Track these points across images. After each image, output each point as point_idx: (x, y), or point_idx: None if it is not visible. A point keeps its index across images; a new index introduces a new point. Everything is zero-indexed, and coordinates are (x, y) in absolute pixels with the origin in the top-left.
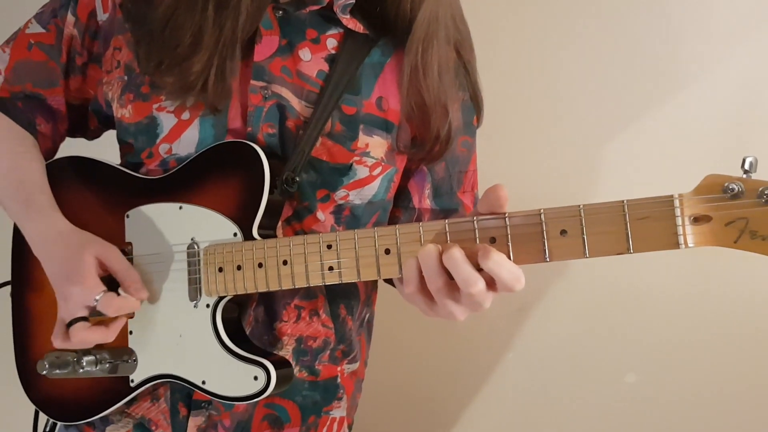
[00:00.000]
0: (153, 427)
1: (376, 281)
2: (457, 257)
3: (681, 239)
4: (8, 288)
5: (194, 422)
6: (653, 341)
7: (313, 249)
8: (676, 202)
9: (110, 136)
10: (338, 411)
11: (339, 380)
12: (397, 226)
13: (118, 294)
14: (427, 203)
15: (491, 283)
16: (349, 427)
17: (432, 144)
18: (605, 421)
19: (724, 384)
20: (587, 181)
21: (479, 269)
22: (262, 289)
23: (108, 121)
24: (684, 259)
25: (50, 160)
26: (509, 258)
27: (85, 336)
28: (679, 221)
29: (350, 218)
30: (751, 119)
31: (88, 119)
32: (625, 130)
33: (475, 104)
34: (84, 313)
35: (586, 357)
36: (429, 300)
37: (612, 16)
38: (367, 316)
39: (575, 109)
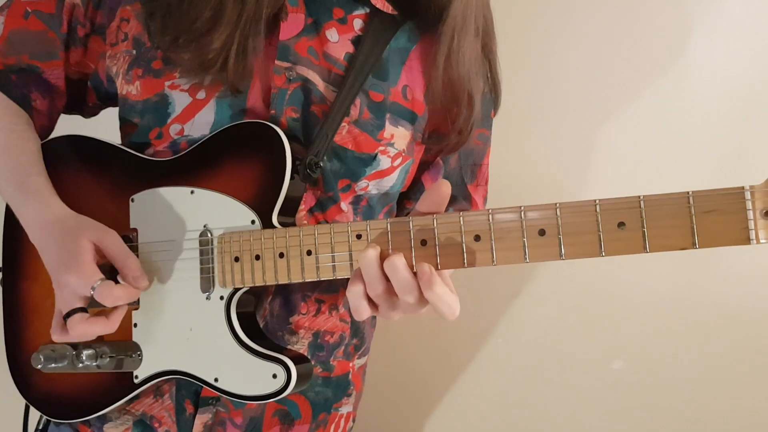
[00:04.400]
0: (156, 425)
1: None
2: (397, 265)
3: (752, 234)
4: None
5: (201, 420)
6: (639, 329)
7: (341, 239)
8: (747, 195)
9: (107, 114)
10: (346, 407)
11: (350, 376)
12: (435, 215)
13: (117, 282)
14: None
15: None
16: (353, 420)
17: (454, 137)
18: (592, 407)
19: (709, 369)
20: (587, 176)
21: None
22: (283, 280)
23: (108, 98)
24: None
25: (47, 140)
26: (560, 251)
27: (84, 328)
28: (750, 215)
29: (366, 209)
30: (755, 116)
31: (86, 95)
32: (627, 126)
33: (494, 96)
34: (81, 303)
35: (574, 343)
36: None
37: (618, 10)
38: None
39: (576, 104)
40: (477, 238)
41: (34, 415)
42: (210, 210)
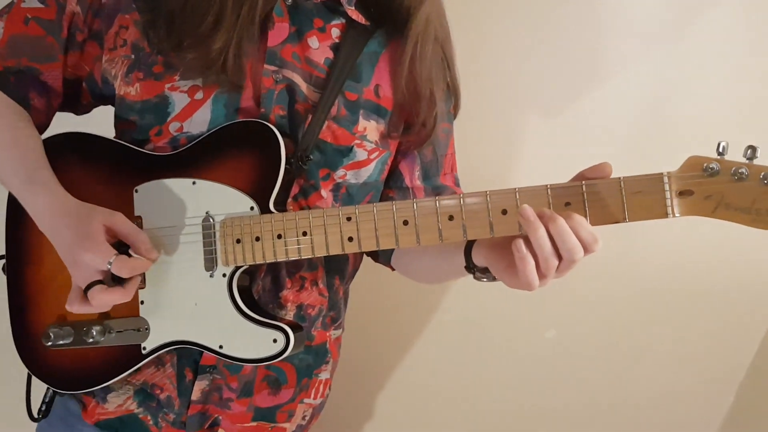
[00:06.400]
0: (157, 391)
1: (362, 256)
2: (565, 228)
3: (670, 210)
4: None
5: (199, 386)
6: (570, 301)
7: (333, 221)
8: (665, 179)
9: (96, 111)
10: (325, 374)
11: (328, 345)
12: (414, 200)
13: (130, 256)
14: (418, 183)
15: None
16: (329, 388)
17: (419, 128)
18: (529, 372)
19: (634, 337)
20: (510, 167)
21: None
22: (281, 258)
23: (101, 98)
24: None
25: (49, 136)
26: (519, 227)
27: (104, 297)
28: (668, 195)
29: (346, 196)
30: (659, 116)
31: (80, 94)
32: (545, 122)
33: (453, 94)
34: (99, 277)
35: (511, 317)
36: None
37: (536, 12)
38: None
39: (501, 101)
40: (450, 218)
41: (37, 391)
42: (211, 198)
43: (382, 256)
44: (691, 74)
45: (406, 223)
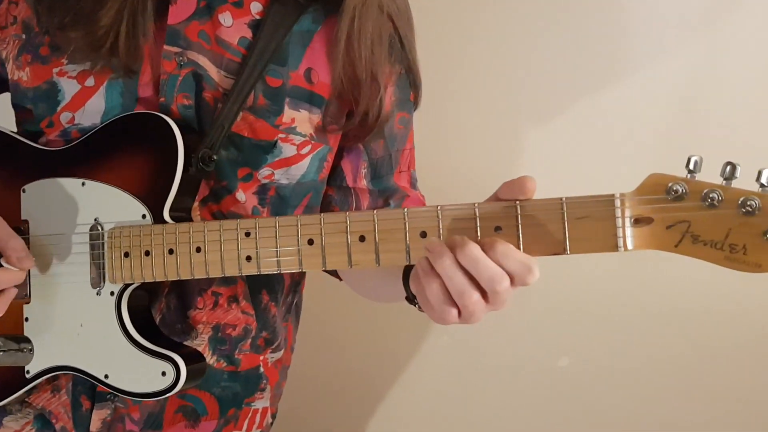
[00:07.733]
0: (53, 420)
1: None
2: (477, 255)
3: (620, 241)
4: None
5: (98, 415)
6: (583, 328)
7: (230, 236)
8: (617, 202)
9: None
10: (261, 402)
11: (261, 370)
12: (321, 214)
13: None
14: (364, 184)
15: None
16: (273, 417)
17: (361, 118)
18: (541, 403)
19: (648, 366)
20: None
21: None
22: (173, 277)
23: (2, 83)
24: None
25: None
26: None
27: None
28: (619, 222)
29: (276, 199)
30: (690, 116)
31: None
32: (561, 123)
33: (411, 79)
34: None
35: (521, 343)
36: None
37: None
38: (295, 300)
39: (511, 100)
40: (362, 239)
41: None
42: (101, 203)
43: None
44: (723, 71)
45: (311, 242)
